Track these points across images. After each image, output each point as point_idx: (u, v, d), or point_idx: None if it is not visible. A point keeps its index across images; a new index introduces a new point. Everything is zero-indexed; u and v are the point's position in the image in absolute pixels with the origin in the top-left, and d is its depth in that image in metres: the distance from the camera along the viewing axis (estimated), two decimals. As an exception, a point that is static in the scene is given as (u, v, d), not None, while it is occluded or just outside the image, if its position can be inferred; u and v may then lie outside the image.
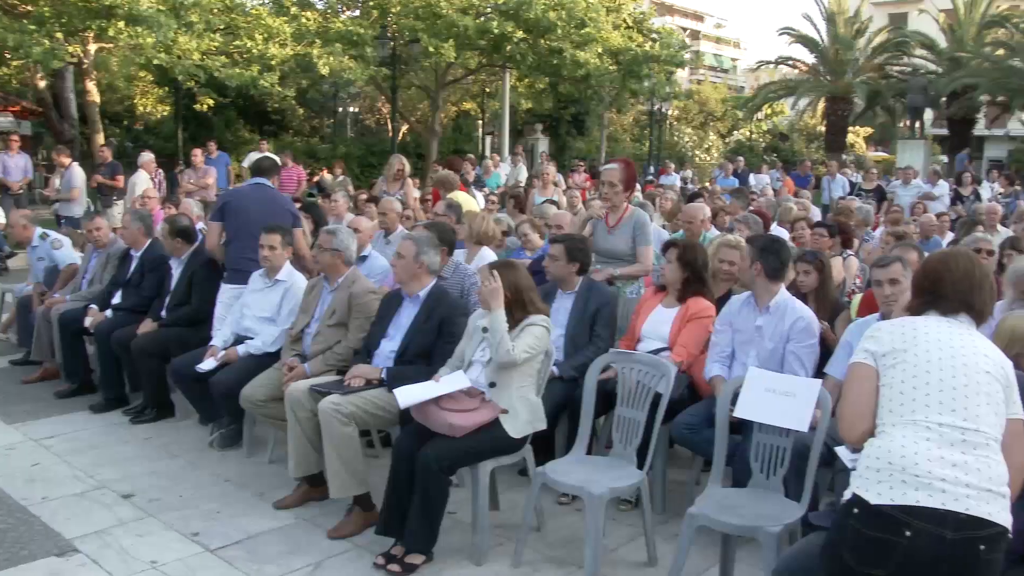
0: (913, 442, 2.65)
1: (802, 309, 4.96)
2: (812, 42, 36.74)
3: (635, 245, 6.25)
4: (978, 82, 32.60)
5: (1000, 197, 15.80)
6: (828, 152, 34.02)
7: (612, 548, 4.66)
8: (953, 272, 2.98)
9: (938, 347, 2.81)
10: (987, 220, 10.06)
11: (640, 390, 4.67)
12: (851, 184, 17.63)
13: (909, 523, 2.54)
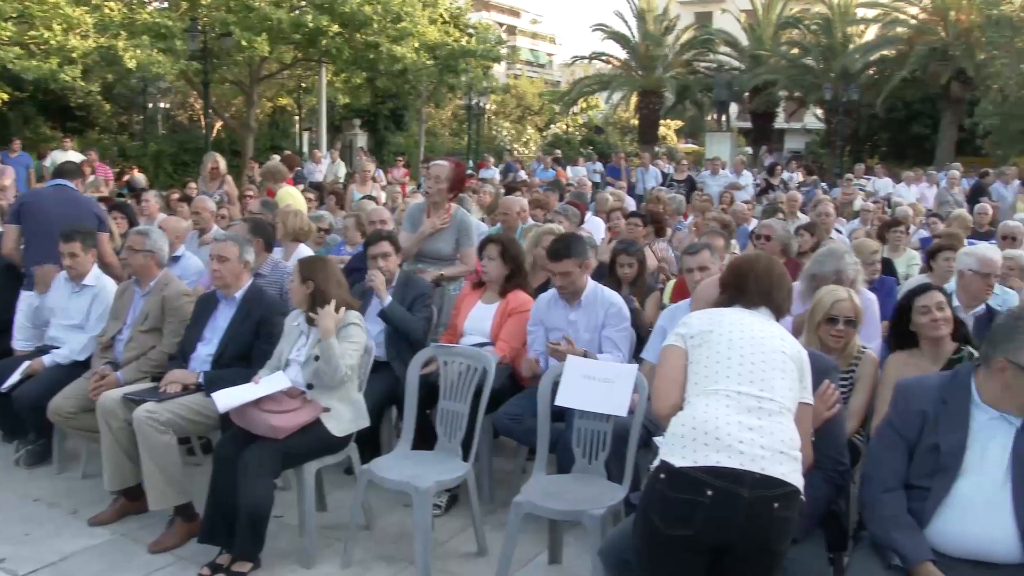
0: (714, 409, 2.86)
1: (612, 295, 5.12)
2: (624, 38, 37.88)
3: (459, 246, 6.30)
4: (777, 78, 34.59)
5: (799, 187, 16.72)
6: (641, 144, 35.22)
7: (442, 541, 4.69)
8: (756, 271, 3.28)
9: (740, 330, 3.07)
10: (787, 208, 10.63)
11: (462, 383, 4.71)
12: (663, 175, 18.28)
13: (710, 483, 2.71)
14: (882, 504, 3.15)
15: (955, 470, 3.05)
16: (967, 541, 3.02)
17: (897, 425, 3.23)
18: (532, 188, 12.67)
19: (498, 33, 34.58)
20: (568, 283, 4.98)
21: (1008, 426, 3.06)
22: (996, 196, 15.33)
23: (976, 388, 3.12)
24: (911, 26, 33.40)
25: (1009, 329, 3.01)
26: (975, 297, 5.05)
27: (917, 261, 7.85)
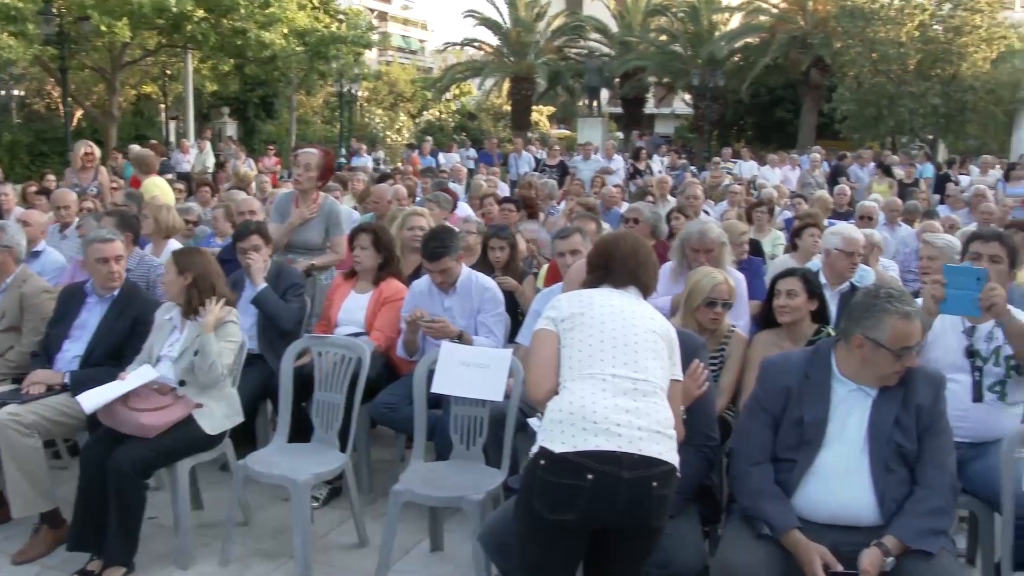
0: (591, 393, 2.87)
1: (486, 281, 5.16)
2: (496, 25, 37.95)
3: (328, 235, 6.24)
4: (646, 65, 35.34)
5: (669, 170, 17.09)
6: (514, 130, 35.36)
7: (322, 534, 4.65)
8: (622, 250, 3.24)
9: (610, 311, 3.05)
10: (657, 191, 10.86)
11: (337, 373, 4.66)
12: (536, 160, 18.42)
13: (590, 467, 2.74)
14: (750, 477, 3.26)
15: (818, 442, 3.19)
16: (831, 508, 3.15)
17: (763, 401, 3.36)
18: (405, 176, 12.59)
19: (369, 19, 34.27)
20: (447, 277, 5.01)
21: (865, 397, 3.22)
22: (854, 178, 16.00)
23: (836, 362, 3.27)
24: (773, 15, 34.59)
25: (866, 307, 3.16)
26: (840, 275, 5.24)
27: (782, 240, 8.13)
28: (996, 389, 3.92)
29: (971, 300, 3.60)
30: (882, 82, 28.99)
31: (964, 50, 28.66)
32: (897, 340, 3.09)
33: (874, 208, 8.07)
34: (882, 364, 3.14)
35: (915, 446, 3.17)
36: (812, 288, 4.38)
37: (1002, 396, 3.91)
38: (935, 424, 3.21)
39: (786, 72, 33.88)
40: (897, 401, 3.20)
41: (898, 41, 28.64)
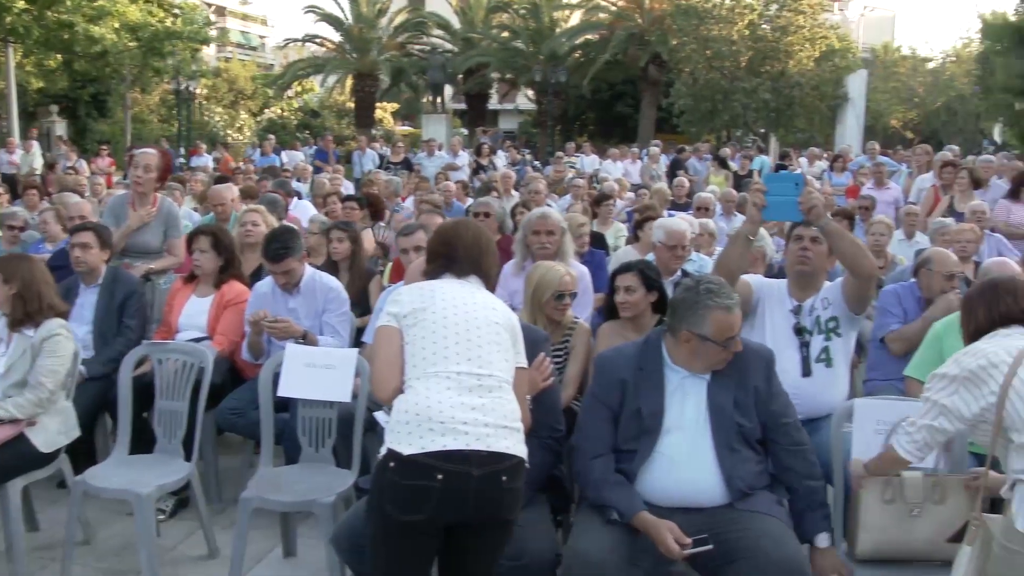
0: (436, 392, 2.83)
1: (330, 280, 5.12)
2: (337, 21, 37.39)
3: (166, 238, 6.06)
4: (489, 61, 35.57)
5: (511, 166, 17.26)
6: (358, 128, 34.98)
7: (170, 547, 4.52)
8: (464, 239, 3.18)
9: (453, 305, 3.00)
10: (502, 186, 10.97)
11: (178, 380, 4.53)
12: (380, 157, 18.30)
13: (440, 467, 2.73)
14: (592, 469, 3.35)
15: (658, 430, 3.31)
16: (675, 492, 3.27)
17: (600, 395, 3.46)
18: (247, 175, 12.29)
19: (205, 14, 33.23)
20: (290, 279, 4.94)
21: (699, 382, 3.36)
22: (692, 170, 16.53)
23: (667, 352, 3.39)
24: (611, 12, 35.35)
25: (688, 304, 3.30)
26: (667, 266, 5.41)
27: (624, 233, 8.35)
28: (823, 357, 4.17)
29: (792, 205, 3.79)
30: (716, 78, 30.13)
31: (790, 48, 30.16)
32: (721, 332, 3.24)
33: (710, 199, 8.38)
34: (710, 355, 3.29)
35: (755, 424, 3.35)
36: (650, 281, 4.48)
37: (828, 362, 4.16)
38: (775, 400, 3.41)
39: (626, 68, 34.70)
40: (732, 382, 3.35)
41: (730, 39, 29.84)
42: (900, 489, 3.33)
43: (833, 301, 4.21)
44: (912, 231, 7.95)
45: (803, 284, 4.28)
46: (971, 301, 3.18)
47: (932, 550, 3.32)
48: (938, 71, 43.43)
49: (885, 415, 3.57)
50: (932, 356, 4.36)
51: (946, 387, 2.94)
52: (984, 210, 7.84)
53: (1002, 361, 2.84)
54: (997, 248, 7.34)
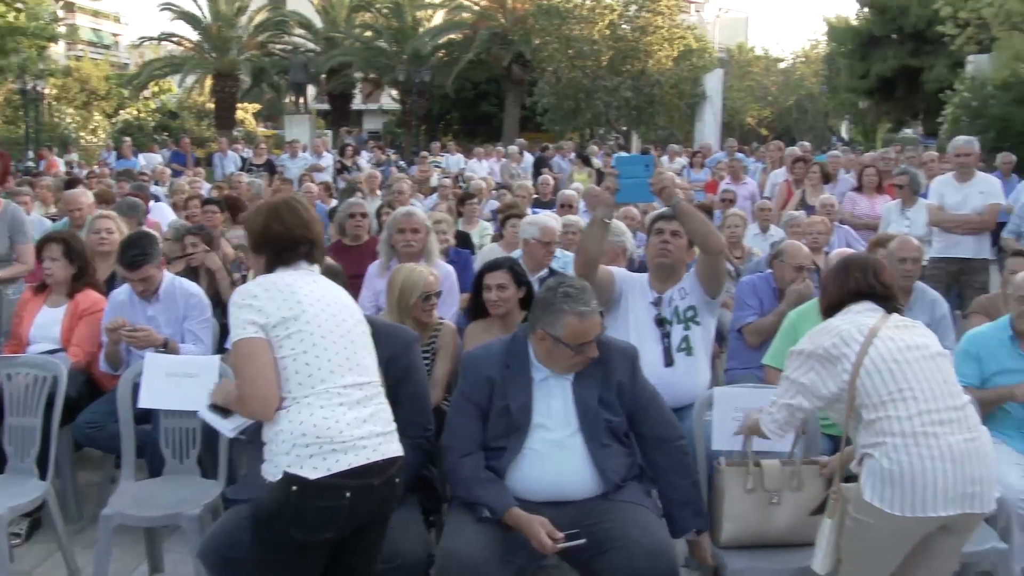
0: (331, 411, 2.75)
1: (191, 286, 4.98)
2: (194, 19, 36.37)
3: (12, 244, 5.79)
4: (352, 60, 35.23)
5: (376, 166, 17.14)
6: (219, 129, 34.11)
7: (26, 571, 4.33)
8: (285, 219, 2.93)
9: (323, 309, 2.85)
10: (367, 187, 10.90)
11: (30, 395, 4.32)
12: (242, 159, 17.91)
13: (347, 485, 2.71)
14: (462, 467, 3.38)
15: (526, 426, 3.36)
16: (546, 486, 3.33)
17: (468, 393, 3.48)
18: (102, 179, 11.85)
19: (53, 10, 31.85)
20: (148, 285, 4.79)
21: (563, 380, 3.42)
22: (557, 168, 16.75)
23: (532, 350, 3.44)
24: (474, 12, 35.50)
25: (546, 303, 3.35)
26: (539, 263, 5.48)
27: (489, 231, 8.39)
28: (683, 347, 4.30)
29: (643, 186, 3.89)
30: (578, 77, 30.64)
31: (650, 48, 30.95)
32: (574, 337, 3.29)
33: (574, 196, 8.48)
34: (563, 356, 3.34)
35: (621, 418, 3.43)
36: (519, 277, 4.54)
37: (689, 351, 4.29)
38: (642, 396, 3.49)
39: (489, 67, 34.90)
40: (597, 380, 3.42)
41: (591, 39, 30.40)
42: (760, 478, 3.48)
43: (690, 290, 4.34)
44: (767, 224, 8.25)
45: (663, 276, 4.40)
46: (826, 279, 3.36)
47: (791, 535, 3.48)
48: (789, 71, 45.20)
49: (744, 403, 3.71)
50: (788, 344, 4.49)
51: (802, 365, 3.09)
52: (833, 203, 8.20)
53: (853, 339, 3.00)
54: (846, 239, 7.68)
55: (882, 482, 2.88)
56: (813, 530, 3.30)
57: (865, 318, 3.07)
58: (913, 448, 2.86)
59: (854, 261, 3.31)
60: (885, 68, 32.82)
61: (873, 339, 2.97)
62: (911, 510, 2.85)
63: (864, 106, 37.71)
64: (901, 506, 2.86)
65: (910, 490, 2.84)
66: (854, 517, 3.00)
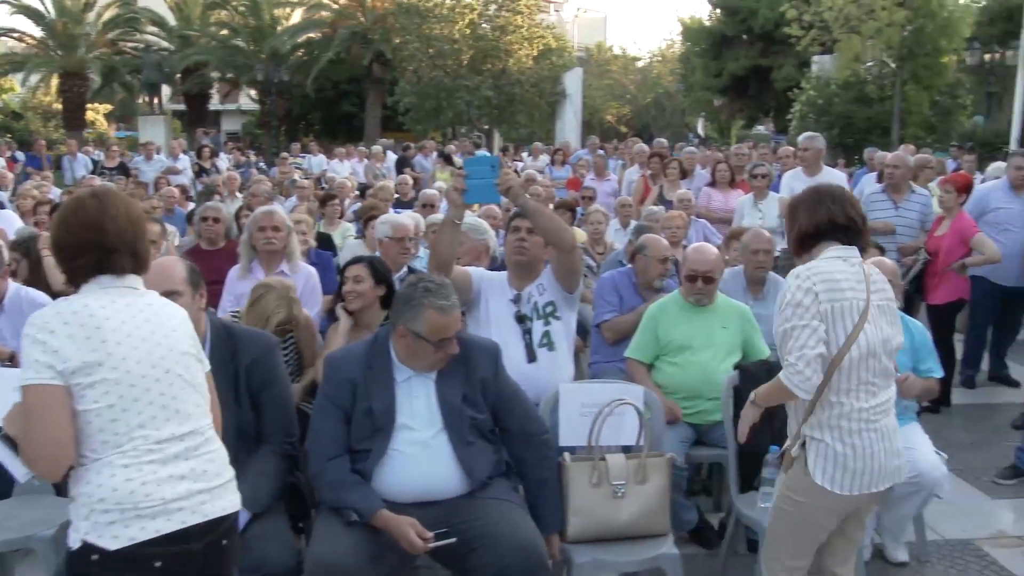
0: (137, 472, 2.39)
1: (38, 296, 4.77)
2: (37, 14, 34.71)
3: None
4: (208, 59, 34.26)
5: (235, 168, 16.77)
6: (68, 131, 32.72)
7: None
8: (115, 218, 2.49)
9: (132, 347, 2.43)
10: (225, 189, 10.66)
11: None
12: (93, 162, 17.26)
13: (156, 554, 2.40)
14: (327, 471, 3.34)
15: (391, 427, 3.35)
16: (413, 487, 3.32)
17: (331, 396, 3.44)
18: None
19: None
20: None
21: (426, 380, 3.43)
22: (419, 168, 16.71)
23: (393, 350, 3.44)
24: (333, 10, 35.05)
25: (407, 299, 3.36)
26: (394, 261, 5.46)
27: (352, 232, 8.32)
28: (545, 342, 4.36)
29: (490, 187, 3.94)
30: (439, 76, 30.66)
31: (510, 47, 31.26)
32: (435, 332, 3.30)
33: (435, 196, 8.48)
34: (424, 353, 3.35)
35: (486, 416, 3.45)
36: (379, 274, 4.51)
37: (551, 346, 4.36)
38: (502, 395, 3.51)
39: (350, 67, 34.52)
40: (460, 378, 3.44)
41: (452, 38, 30.48)
42: (605, 472, 3.56)
43: (548, 286, 4.41)
44: (627, 220, 8.43)
45: (521, 274, 4.45)
46: (794, 208, 3.21)
47: (636, 527, 3.59)
48: (646, 69, 46.34)
49: (589, 399, 3.79)
50: (649, 338, 4.69)
51: (812, 317, 2.96)
52: (690, 198, 8.46)
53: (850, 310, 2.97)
54: (703, 232, 7.94)
55: (834, 465, 3.01)
56: (657, 522, 3.46)
57: (857, 274, 3.03)
58: (865, 434, 3.01)
59: (827, 191, 3.17)
60: (737, 67, 34.06)
61: (864, 323, 2.99)
62: (859, 489, 3.01)
63: (718, 104, 38.98)
64: (850, 487, 3.01)
65: (860, 471, 3.00)
66: (792, 499, 3.13)
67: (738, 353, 4.65)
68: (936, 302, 6.83)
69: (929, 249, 6.88)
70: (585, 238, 7.56)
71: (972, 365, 7.61)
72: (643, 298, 5.22)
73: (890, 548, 4.44)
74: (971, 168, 12.48)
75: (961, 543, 4.74)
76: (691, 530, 4.55)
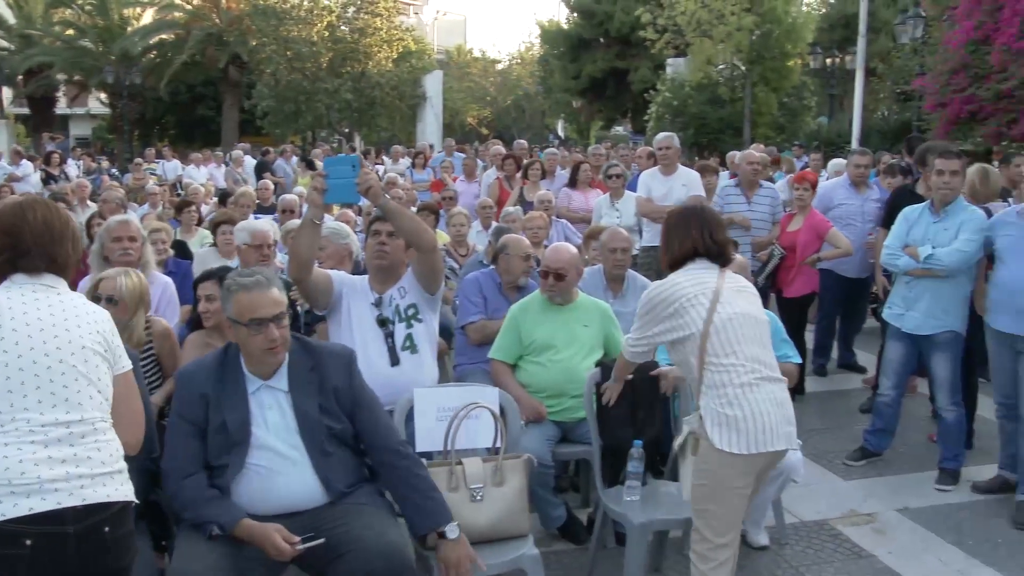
0: (16, 450, 2.45)
1: None
2: None
3: None
4: (53, 60, 32.75)
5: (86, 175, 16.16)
6: None
7: None
8: (32, 223, 2.69)
9: (27, 334, 2.56)
10: (75, 197, 10.26)
11: None
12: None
13: (27, 532, 2.41)
14: (185, 490, 3.21)
15: (247, 441, 3.24)
16: (273, 500, 3.23)
17: (183, 412, 3.31)
18: None
19: None
20: None
21: (278, 391, 3.33)
22: (281, 172, 16.44)
23: (244, 361, 3.34)
24: (187, 11, 34.08)
25: (223, 292, 3.33)
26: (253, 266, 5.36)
27: (209, 239, 8.09)
28: (407, 345, 4.34)
29: (350, 187, 3.91)
30: (298, 79, 30.24)
31: (369, 50, 31.07)
32: (244, 312, 3.21)
33: (295, 201, 8.34)
34: (250, 344, 3.24)
35: (344, 424, 3.38)
36: None
37: (413, 349, 4.35)
38: (358, 401, 3.44)
39: (205, 69, 33.64)
40: (314, 387, 3.36)
41: (310, 40, 30.10)
42: (462, 476, 3.57)
43: (410, 289, 4.40)
44: (488, 222, 8.46)
45: (382, 277, 4.42)
46: (668, 233, 3.65)
47: (496, 530, 3.61)
48: (506, 72, 46.75)
49: (444, 403, 3.80)
50: (512, 338, 4.72)
51: (652, 319, 3.49)
52: (550, 199, 8.57)
53: (699, 301, 3.38)
54: (563, 232, 8.05)
55: (728, 429, 3.30)
56: (517, 523, 3.54)
57: (706, 276, 3.46)
58: (749, 395, 3.31)
59: (695, 217, 3.62)
60: (595, 69, 34.66)
61: (718, 303, 3.36)
62: (755, 447, 3.29)
63: (577, 105, 39.62)
64: (747, 445, 3.29)
65: (753, 430, 3.29)
66: (704, 471, 3.39)
67: (600, 350, 4.73)
68: (791, 295, 7.10)
69: (783, 244, 7.15)
70: (448, 240, 7.56)
71: (823, 354, 7.98)
72: (507, 298, 5.25)
73: (751, 533, 4.59)
74: (817, 166, 13.02)
75: (816, 524, 4.96)
76: (560, 527, 4.60)
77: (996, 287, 5.13)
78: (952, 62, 15.45)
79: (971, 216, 5.24)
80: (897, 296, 5.58)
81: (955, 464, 5.52)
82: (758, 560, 4.53)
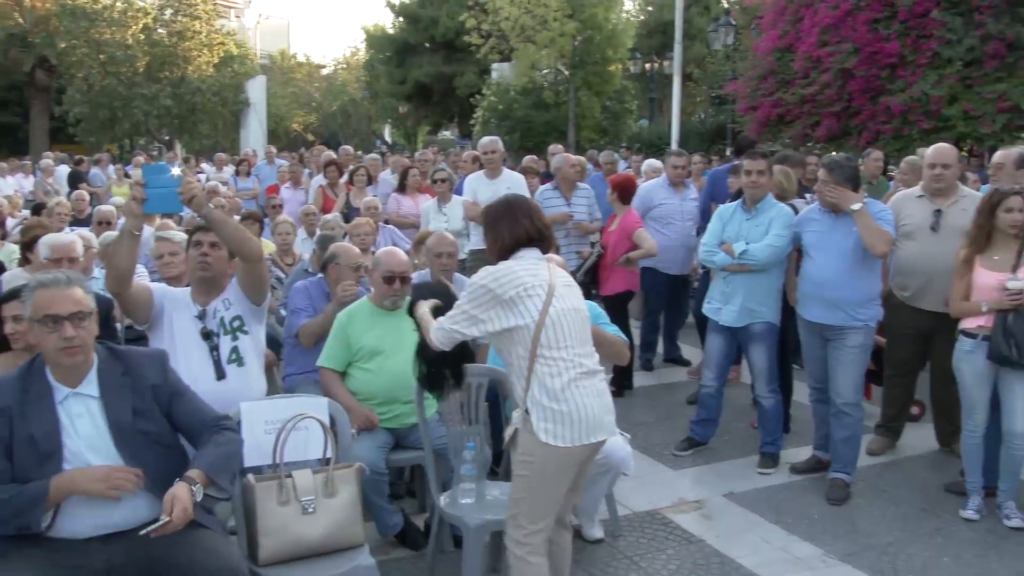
0: None
1: None
2: None
3: None
4: None
5: None
6: None
7: None
8: None
9: None
10: None
11: None
12: None
13: None
14: None
15: (58, 454, 3.08)
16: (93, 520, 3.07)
17: None
18: None
19: None
20: None
21: (87, 398, 3.19)
22: (96, 182, 15.71)
23: (49, 369, 3.19)
24: (-15, 10, 32.17)
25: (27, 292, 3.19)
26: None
27: (17, 254, 7.64)
28: (233, 358, 4.21)
29: (172, 196, 3.73)
30: (113, 84, 29.04)
31: (189, 54, 30.11)
32: (39, 309, 3.11)
33: (112, 212, 8.02)
34: (42, 341, 3.14)
35: (161, 425, 3.27)
36: None
37: (240, 362, 4.22)
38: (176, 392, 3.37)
39: (9, 72, 31.86)
40: (127, 391, 3.24)
41: (125, 43, 28.96)
42: (293, 489, 3.51)
43: (235, 300, 4.27)
44: (312, 229, 8.34)
45: (205, 289, 4.28)
46: (495, 222, 3.62)
47: (331, 542, 3.55)
48: (332, 77, 46.19)
49: (272, 415, 3.73)
50: (341, 345, 4.68)
51: (483, 302, 3.41)
52: (377, 205, 8.51)
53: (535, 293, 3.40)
54: (391, 238, 8.01)
55: (555, 423, 3.36)
56: (351, 534, 3.53)
57: (538, 267, 3.48)
58: (575, 389, 3.38)
59: (519, 206, 3.66)
60: (421, 74, 34.74)
61: (553, 297, 3.41)
62: (580, 439, 3.37)
63: (404, 110, 39.58)
64: (572, 438, 3.36)
65: (577, 423, 3.36)
66: (526, 462, 3.44)
67: (430, 355, 4.71)
68: (607, 293, 7.25)
69: (603, 243, 7.35)
70: (273, 249, 7.40)
71: (649, 349, 8.24)
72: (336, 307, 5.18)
73: (585, 527, 4.69)
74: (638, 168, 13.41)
75: (648, 514, 5.11)
76: (397, 534, 4.58)
77: (805, 280, 5.42)
78: (760, 68, 16.24)
79: (779, 213, 5.53)
80: (715, 291, 5.83)
81: (775, 448, 5.80)
82: (594, 553, 4.62)
